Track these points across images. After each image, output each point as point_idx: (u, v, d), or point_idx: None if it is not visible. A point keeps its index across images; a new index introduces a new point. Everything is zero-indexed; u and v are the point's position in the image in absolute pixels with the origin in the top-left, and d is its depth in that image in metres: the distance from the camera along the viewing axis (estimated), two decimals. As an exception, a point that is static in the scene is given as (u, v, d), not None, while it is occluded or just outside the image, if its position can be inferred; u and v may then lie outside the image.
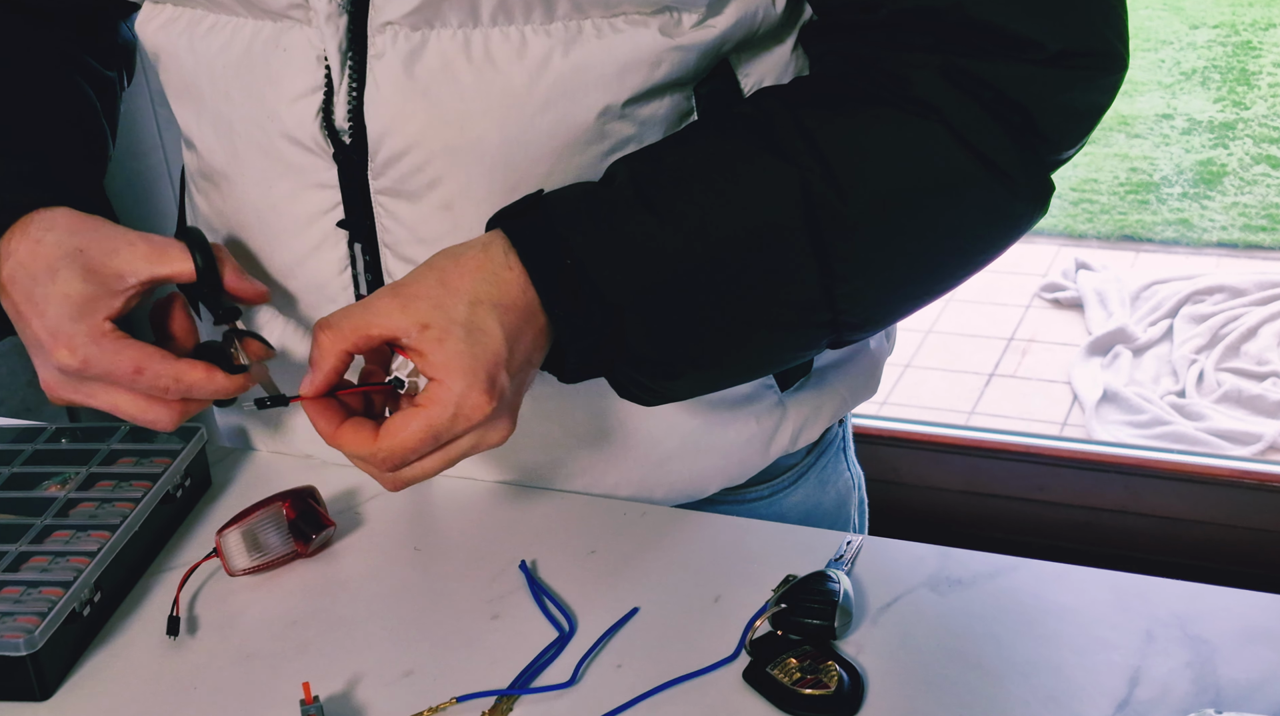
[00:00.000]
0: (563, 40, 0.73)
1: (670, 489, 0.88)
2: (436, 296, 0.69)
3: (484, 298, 0.69)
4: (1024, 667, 0.73)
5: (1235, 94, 4.11)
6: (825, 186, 0.70)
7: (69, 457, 0.89)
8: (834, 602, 0.75)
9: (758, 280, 0.72)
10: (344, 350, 0.69)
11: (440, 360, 0.68)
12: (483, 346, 0.68)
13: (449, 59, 0.74)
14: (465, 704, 0.72)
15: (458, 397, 0.67)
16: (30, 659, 0.73)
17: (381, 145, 0.77)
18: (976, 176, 0.72)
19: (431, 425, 0.68)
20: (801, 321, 0.74)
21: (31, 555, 0.80)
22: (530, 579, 0.81)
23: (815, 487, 0.96)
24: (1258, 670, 0.72)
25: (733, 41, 0.76)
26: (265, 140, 0.80)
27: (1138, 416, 2.63)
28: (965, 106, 0.71)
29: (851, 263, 0.72)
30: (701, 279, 0.71)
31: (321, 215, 0.81)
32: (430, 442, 0.68)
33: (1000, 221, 0.75)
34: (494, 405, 0.68)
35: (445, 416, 0.68)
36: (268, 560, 0.83)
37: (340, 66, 0.76)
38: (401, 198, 0.78)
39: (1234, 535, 2.09)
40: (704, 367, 0.76)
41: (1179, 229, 3.43)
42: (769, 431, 0.89)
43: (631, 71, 0.74)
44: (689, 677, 0.73)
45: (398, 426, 0.68)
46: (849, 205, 0.71)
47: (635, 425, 0.86)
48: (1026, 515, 2.17)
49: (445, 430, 0.68)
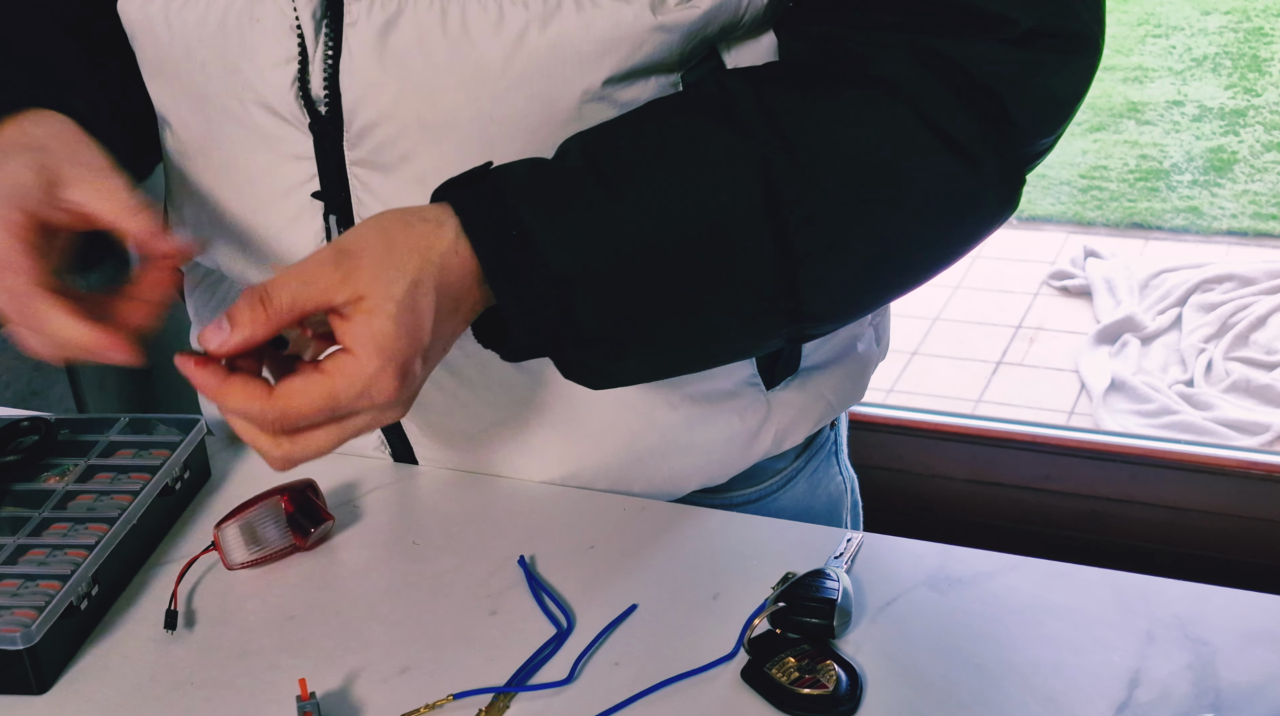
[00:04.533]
0: (540, 15, 0.71)
1: (647, 484, 0.88)
2: (378, 267, 0.66)
3: (426, 278, 0.67)
4: (1023, 668, 0.72)
5: (1247, 80, 4.09)
6: (787, 164, 0.69)
7: (68, 449, 0.89)
8: (833, 601, 0.74)
9: (713, 259, 0.70)
10: (275, 328, 0.66)
11: (363, 333, 0.65)
12: (409, 333, 0.66)
13: (424, 30, 0.73)
14: (462, 701, 0.72)
15: (369, 376, 0.65)
16: (27, 652, 0.73)
17: (356, 116, 0.76)
18: (941, 158, 0.70)
19: (334, 394, 0.65)
20: (759, 308, 0.72)
21: (29, 548, 0.80)
22: (529, 574, 0.81)
23: (806, 490, 0.95)
24: (1258, 672, 0.71)
25: (717, 24, 0.74)
26: (241, 111, 0.79)
27: (1145, 405, 2.63)
28: (930, 85, 0.70)
29: (812, 245, 0.70)
30: (654, 256, 0.70)
31: (298, 187, 0.80)
32: (327, 412, 0.66)
33: (966, 208, 0.73)
34: (401, 393, 0.66)
35: (351, 391, 0.65)
36: (266, 553, 0.83)
37: (315, 34, 0.75)
38: (376, 169, 0.78)
39: (1241, 526, 2.08)
40: (654, 348, 0.73)
41: (1189, 217, 3.42)
42: (752, 430, 0.88)
43: (611, 51, 0.72)
44: (687, 676, 0.73)
45: (296, 388, 0.65)
46: (810, 184, 0.69)
47: (613, 417, 0.85)
48: (1031, 504, 2.17)
49: (347, 404, 0.65)
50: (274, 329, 0.66)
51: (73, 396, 2.30)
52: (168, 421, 0.91)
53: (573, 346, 0.72)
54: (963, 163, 0.71)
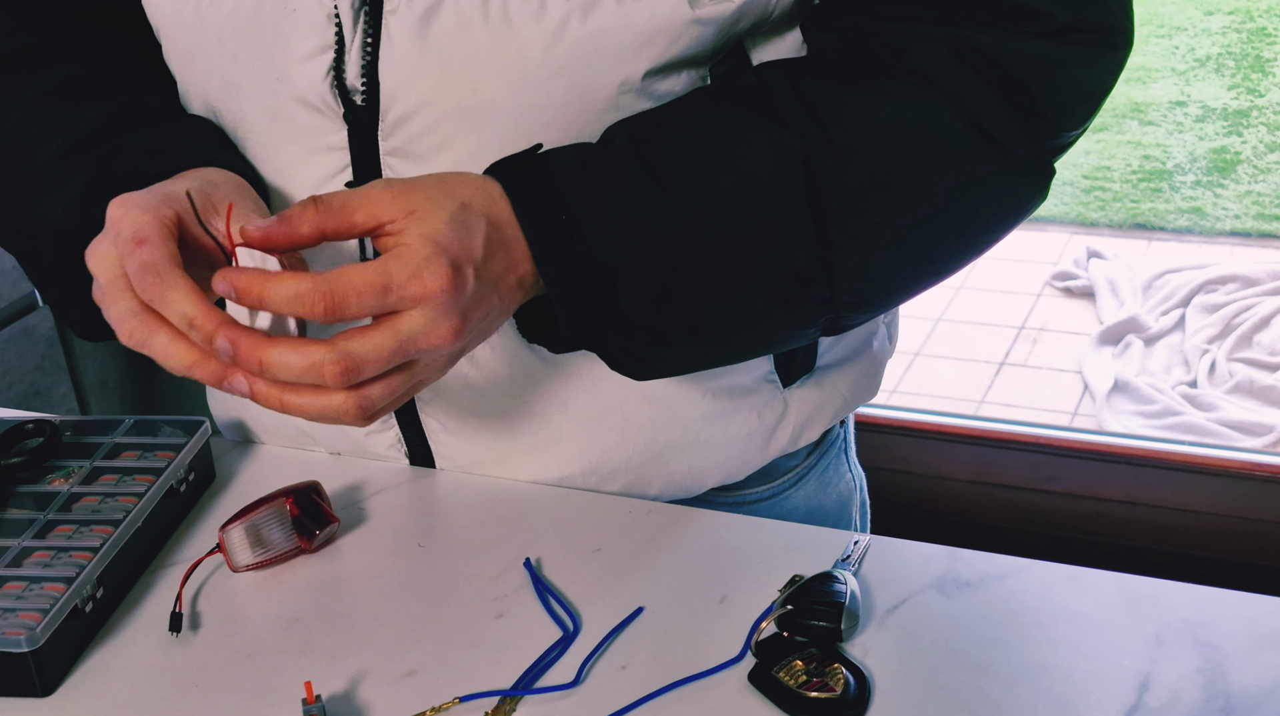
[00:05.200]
0: (581, 6, 0.72)
1: (667, 481, 0.88)
2: (431, 190, 0.67)
3: (477, 206, 0.67)
4: (1032, 672, 0.72)
5: (1250, 81, 4.09)
6: (826, 155, 0.70)
7: (72, 451, 0.89)
8: (840, 605, 0.74)
9: (755, 246, 0.71)
10: (319, 228, 0.65)
11: (414, 230, 0.65)
12: (462, 236, 0.66)
13: (466, 18, 0.73)
14: (468, 704, 0.72)
15: (422, 259, 0.64)
16: (32, 655, 0.73)
17: (393, 104, 0.76)
18: (976, 149, 0.71)
19: (387, 271, 0.63)
20: (799, 295, 0.73)
21: (34, 550, 0.79)
22: (534, 577, 0.80)
23: (817, 489, 0.95)
24: (1268, 677, 0.71)
25: (749, 19, 0.75)
26: (274, 103, 0.79)
27: (1149, 406, 2.62)
28: (966, 78, 0.71)
29: (850, 234, 0.71)
30: (698, 242, 0.71)
31: (330, 178, 0.80)
32: (378, 292, 0.63)
33: (1000, 198, 0.74)
34: (453, 290, 0.64)
35: (404, 271, 0.64)
36: (271, 556, 0.83)
37: (353, 23, 0.75)
38: (410, 159, 0.77)
39: (1244, 527, 2.08)
40: (697, 336, 0.74)
41: (1192, 217, 3.42)
42: (770, 427, 0.88)
43: (650, 43, 0.73)
44: (693, 679, 0.73)
45: (348, 268, 0.63)
46: (849, 174, 0.70)
47: (635, 411, 0.85)
48: (1035, 506, 2.17)
49: (398, 286, 0.63)
50: (321, 228, 0.65)
51: (76, 397, 2.30)
52: (173, 423, 0.90)
53: (617, 333, 0.73)
54: (996, 154, 0.72)
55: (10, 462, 0.87)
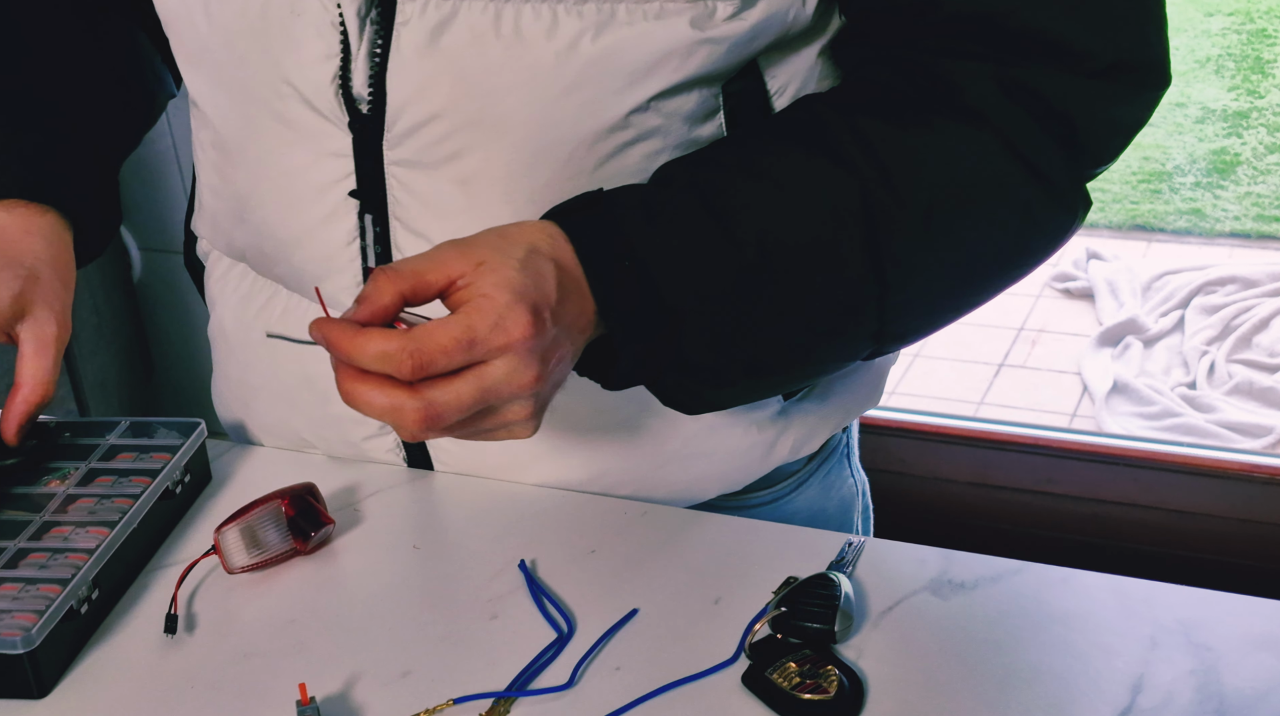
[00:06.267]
0: (594, 23, 0.72)
1: (669, 491, 0.88)
2: (493, 242, 0.67)
3: (543, 249, 0.67)
4: (1026, 674, 0.72)
5: (1250, 82, 4.09)
6: (884, 195, 0.71)
7: (69, 453, 0.89)
8: (834, 606, 0.74)
9: (814, 286, 0.72)
10: (399, 292, 0.65)
11: (489, 279, 0.65)
12: (536, 281, 0.66)
13: (478, 31, 0.73)
14: (462, 705, 0.72)
15: (502, 308, 0.64)
16: (27, 656, 0.73)
17: (402, 114, 0.76)
18: (1025, 184, 0.73)
19: (471, 326, 0.63)
20: (850, 331, 0.75)
21: (30, 551, 0.80)
22: (529, 579, 0.81)
23: (819, 494, 0.95)
24: (1262, 679, 0.71)
25: (763, 38, 0.75)
26: (280, 105, 0.79)
27: (1148, 408, 2.62)
28: (1016, 115, 0.72)
29: (903, 271, 0.72)
30: (760, 284, 0.71)
31: (333, 185, 0.80)
32: (464, 348, 0.63)
33: (1044, 230, 0.76)
34: (536, 332, 0.65)
35: (486, 323, 0.64)
36: (266, 557, 0.83)
37: (359, 31, 0.75)
38: (416, 169, 0.78)
39: (1244, 529, 2.08)
40: (756, 375, 0.75)
41: (1191, 219, 3.41)
42: (771, 439, 0.88)
43: (662, 62, 0.73)
44: (687, 681, 0.73)
45: (432, 326, 0.64)
46: (904, 214, 0.71)
47: (637, 422, 0.85)
48: (1034, 507, 2.17)
49: (483, 339, 0.64)
50: (398, 295, 0.65)
51: (75, 398, 2.30)
52: (169, 424, 0.90)
53: (677, 373, 0.73)
54: (1041, 187, 0.73)
55: (6, 464, 0.87)
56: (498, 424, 0.67)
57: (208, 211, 0.90)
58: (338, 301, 0.84)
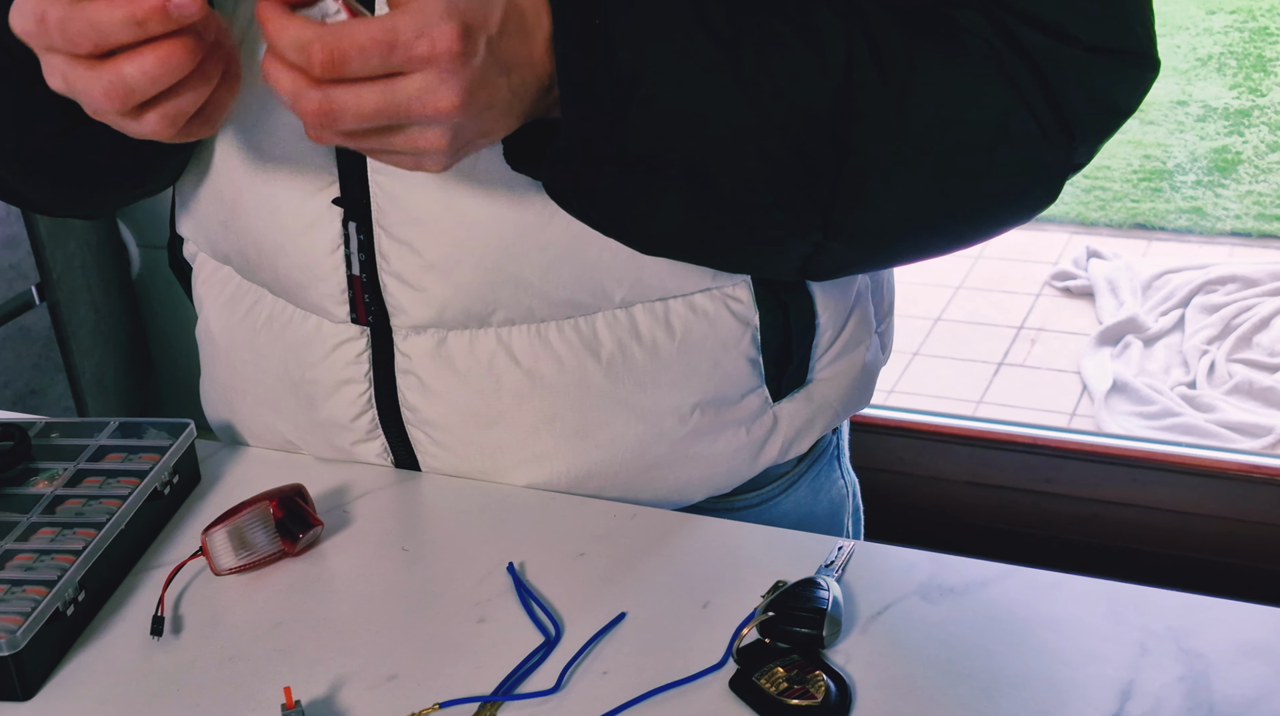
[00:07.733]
0: None
1: (654, 496, 0.87)
2: None
3: None
4: (1014, 679, 0.72)
5: (1251, 81, 4.08)
6: (868, 56, 0.69)
7: (56, 453, 0.89)
8: (823, 611, 0.74)
9: (777, 109, 0.69)
10: None
11: None
12: (479, 2, 0.63)
13: None
14: (448, 709, 0.72)
15: (433, 16, 0.61)
16: (13, 659, 0.73)
17: None
18: (1013, 112, 0.71)
19: (394, 28, 0.60)
20: (801, 185, 0.71)
21: (16, 553, 0.79)
22: (517, 582, 0.80)
23: (807, 496, 0.95)
24: (1252, 686, 0.71)
25: None
26: (263, 113, 0.79)
27: (1147, 407, 2.62)
28: (1012, 52, 0.70)
29: (869, 140, 0.70)
30: (725, 84, 0.68)
31: (318, 192, 0.80)
32: (383, 50, 0.60)
33: (1025, 169, 0.73)
34: (464, 51, 0.61)
35: (411, 27, 0.60)
36: (254, 559, 0.83)
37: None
38: (400, 178, 0.77)
39: (1243, 529, 2.08)
40: (691, 196, 0.71)
41: (1192, 217, 3.41)
42: (759, 441, 0.88)
43: None
44: (675, 685, 0.72)
45: (354, 22, 0.60)
46: (886, 85, 0.69)
47: (622, 428, 0.85)
48: (1032, 507, 2.16)
49: (404, 43, 0.60)
50: None
51: (72, 396, 2.30)
52: (158, 425, 0.90)
53: (615, 169, 0.70)
54: (1029, 117, 0.71)
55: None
56: (407, 147, 0.64)
57: (193, 215, 0.89)
58: (323, 309, 0.84)
